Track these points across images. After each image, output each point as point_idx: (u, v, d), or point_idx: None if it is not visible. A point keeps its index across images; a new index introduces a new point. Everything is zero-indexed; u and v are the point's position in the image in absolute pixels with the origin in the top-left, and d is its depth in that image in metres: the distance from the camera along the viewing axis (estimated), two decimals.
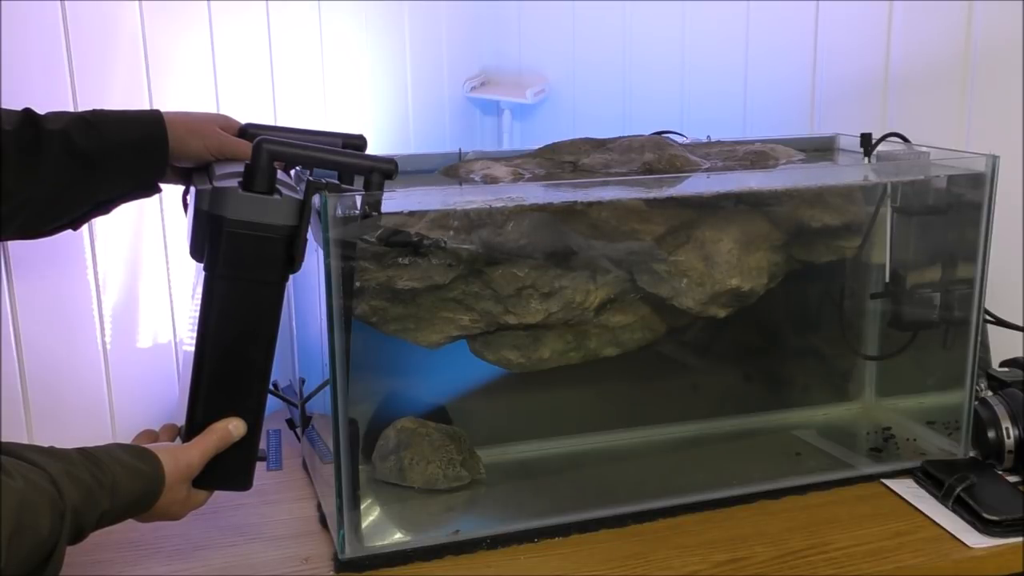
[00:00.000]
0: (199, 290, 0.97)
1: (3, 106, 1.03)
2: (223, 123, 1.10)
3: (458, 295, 1.15)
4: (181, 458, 0.93)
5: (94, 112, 1.02)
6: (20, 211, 0.97)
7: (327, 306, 1.00)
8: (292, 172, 1.13)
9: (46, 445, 0.83)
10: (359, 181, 1.02)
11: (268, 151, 0.94)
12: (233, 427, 0.97)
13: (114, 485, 0.85)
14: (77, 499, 0.80)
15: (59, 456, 0.82)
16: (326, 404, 1.05)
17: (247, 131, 1.10)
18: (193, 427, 0.97)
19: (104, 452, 0.86)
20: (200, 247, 0.95)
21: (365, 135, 1.17)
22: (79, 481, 0.82)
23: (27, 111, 0.99)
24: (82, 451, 0.85)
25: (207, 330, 0.95)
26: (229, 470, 0.98)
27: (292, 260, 0.95)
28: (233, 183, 0.94)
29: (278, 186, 0.96)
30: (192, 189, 1.00)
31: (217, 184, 0.95)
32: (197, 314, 0.97)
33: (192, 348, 0.99)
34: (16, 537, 0.74)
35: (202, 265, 0.95)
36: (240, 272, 0.94)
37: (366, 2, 1.66)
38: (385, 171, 0.99)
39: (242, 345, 0.96)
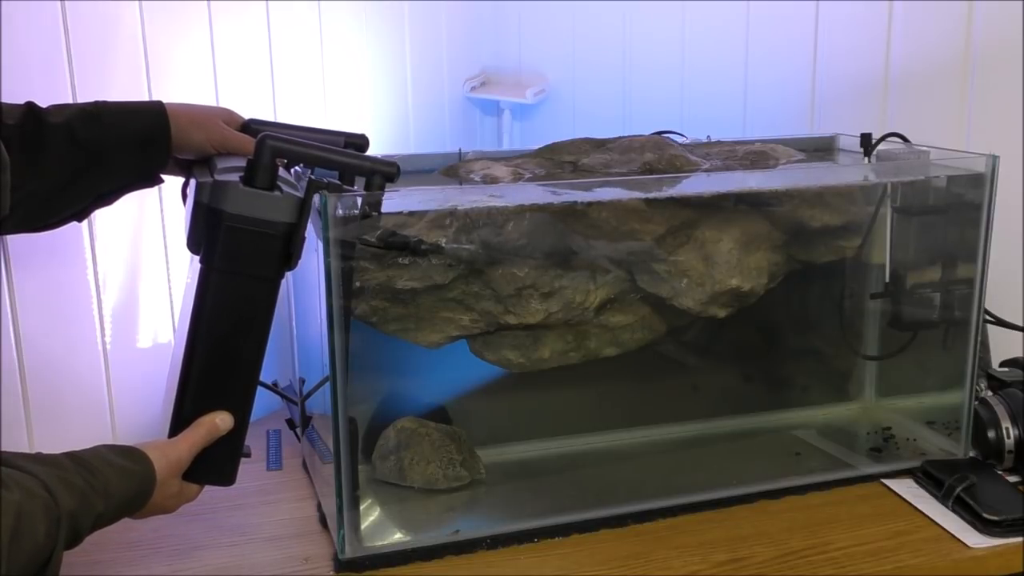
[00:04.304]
0: (193, 282, 0.97)
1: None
2: (226, 117, 1.09)
3: (458, 295, 1.15)
4: (170, 454, 0.93)
5: (96, 104, 1.02)
6: (24, 204, 0.97)
7: (327, 306, 1.00)
8: (292, 170, 1.13)
9: (32, 452, 0.83)
10: (360, 182, 1.02)
11: (271, 147, 0.94)
12: (220, 421, 0.96)
13: (107, 487, 0.85)
14: (71, 504, 0.80)
15: (50, 463, 0.82)
16: (326, 404, 1.05)
17: (250, 126, 1.10)
18: (181, 420, 0.97)
19: (94, 455, 0.86)
20: (198, 240, 0.94)
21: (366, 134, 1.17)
22: (72, 486, 0.81)
23: (29, 104, 0.99)
24: (72, 456, 0.85)
25: (200, 323, 0.95)
26: (214, 464, 0.98)
27: (289, 257, 0.95)
28: (234, 177, 0.94)
29: (279, 183, 0.96)
30: (192, 181, 1.00)
31: (218, 177, 0.95)
32: (190, 306, 0.97)
33: (181, 341, 0.99)
34: (14, 544, 0.74)
35: (198, 258, 0.95)
36: (236, 266, 0.94)
37: (366, 2, 1.66)
38: (387, 174, 1.00)
39: (234, 340, 0.96)
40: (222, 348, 0.96)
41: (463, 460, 1.19)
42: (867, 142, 1.33)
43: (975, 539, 1.07)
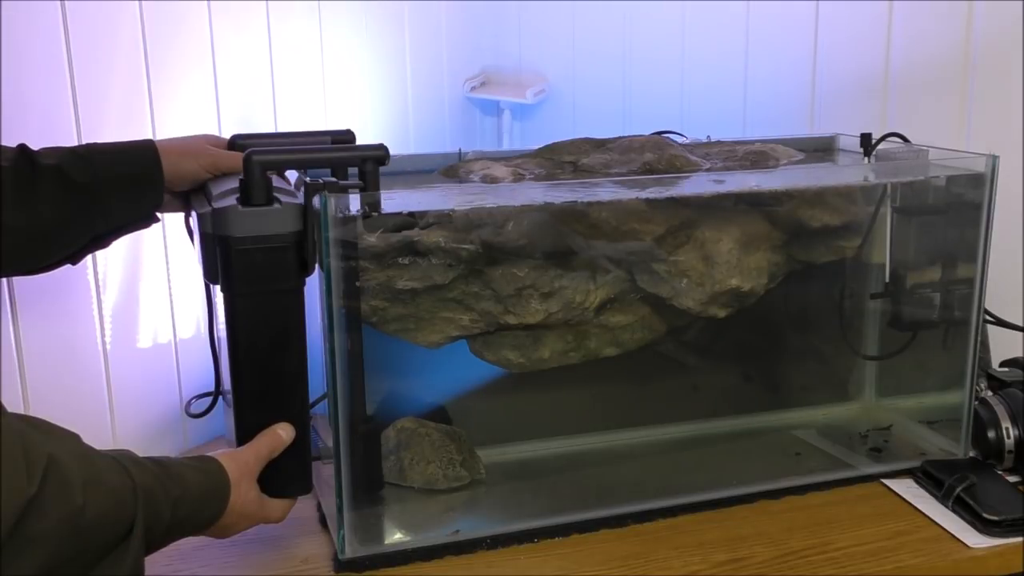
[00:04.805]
0: (220, 309, 0.99)
1: (4, 109, 1.03)
2: (212, 140, 1.11)
3: (458, 295, 1.15)
4: (238, 457, 0.95)
5: (87, 146, 1.03)
6: (19, 245, 0.97)
7: (327, 306, 1.00)
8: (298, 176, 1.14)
9: None
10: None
11: (259, 163, 0.95)
12: (283, 431, 0.99)
13: (180, 475, 0.86)
14: (146, 480, 0.81)
15: (115, 451, 0.83)
16: (326, 403, 1.05)
17: (235, 143, 1.11)
18: (244, 443, 0.98)
19: (158, 456, 0.87)
20: (213, 269, 0.96)
21: (354, 131, 1.17)
22: (144, 467, 0.82)
23: (22, 147, 0.99)
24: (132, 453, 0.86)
25: (237, 348, 0.97)
26: (289, 476, 1.00)
27: (305, 264, 0.96)
28: (232, 201, 0.95)
29: (276, 195, 0.96)
30: (193, 214, 1.01)
31: (216, 205, 0.95)
32: (224, 334, 0.98)
33: (228, 365, 1.01)
34: (92, 487, 0.74)
35: (218, 287, 0.97)
36: (257, 287, 0.95)
37: (366, 2, 1.66)
38: (377, 158, 1.00)
39: (274, 356, 0.97)
40: (265, 366, 0.97)
41: (463, 460, 1.19)
42: (867, 142, 1.33)
43: (975, 539, 1.07)
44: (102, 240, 1.05)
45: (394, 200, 1.05)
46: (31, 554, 0.70)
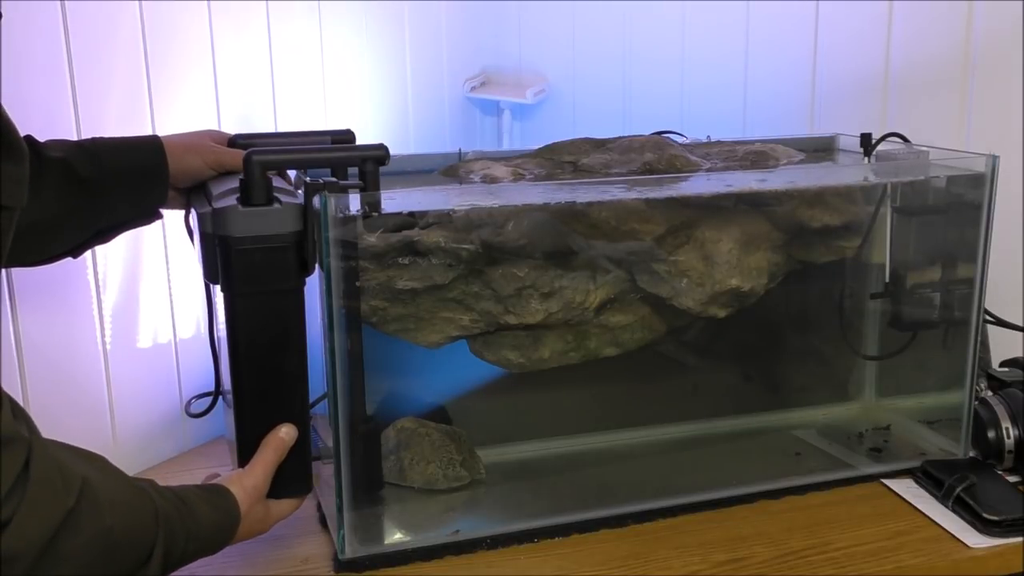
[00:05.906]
0: (220, 309, 0.99)
1: (4, 108, 1.03)
2: (215, 136, 1.11)
3: (458, 295, 1.15)
4: (247, 483, 0.95)
5: (93, 140, 1.03)
6: (23, 237, 0.97)
7: (327, 306, 1.00)
8: (296, 175, 1.14)
9: None
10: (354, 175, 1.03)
11: (259, 162, 0.95)
12: (285, 434, 0.99)
13: (194, 510, 0.86)
14: (167, 507, 0.82)
15: (136, 478, 0.83)
16: (326, 403, 1.05)
17: (236, 142, 1.11)
18: (245, 444, 0.98)
19: (176, 488, 0.87)
20: (213, 270, 0.96)
21: (354, 131, 1.18)
22: (164, 495, 0.83)
23: (28, 139, 0.99)
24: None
25: (237, 348, 0.97)
26: (290, 476, 1.00)
27: (304, 264, 0.96)
28: (232, 201, 0.95)
29: (276, 194, 0.96)
30: (194, 213, 1.01)
31: (216, 205, 0.95)
32: (224, 335, 0.98)
33: (227, 367, 1.01)
34: (119, 507, 0.75)
35: (218, 287, 0.97)
36: (257, 287, 0.95)
37: (366, 2, 1.66)
38: (377, 158, 1.00)
39: (274, 356, 0.97)
40: (266, 367, 0.97)
41: (463, 460, 1.19)
42: (867, 142, 1.33)
43: (975, 539, 1.08)
44: (104, 235, 1.05)
45: (394, 200, 1.05)
46: (63, 571, 0.70)
